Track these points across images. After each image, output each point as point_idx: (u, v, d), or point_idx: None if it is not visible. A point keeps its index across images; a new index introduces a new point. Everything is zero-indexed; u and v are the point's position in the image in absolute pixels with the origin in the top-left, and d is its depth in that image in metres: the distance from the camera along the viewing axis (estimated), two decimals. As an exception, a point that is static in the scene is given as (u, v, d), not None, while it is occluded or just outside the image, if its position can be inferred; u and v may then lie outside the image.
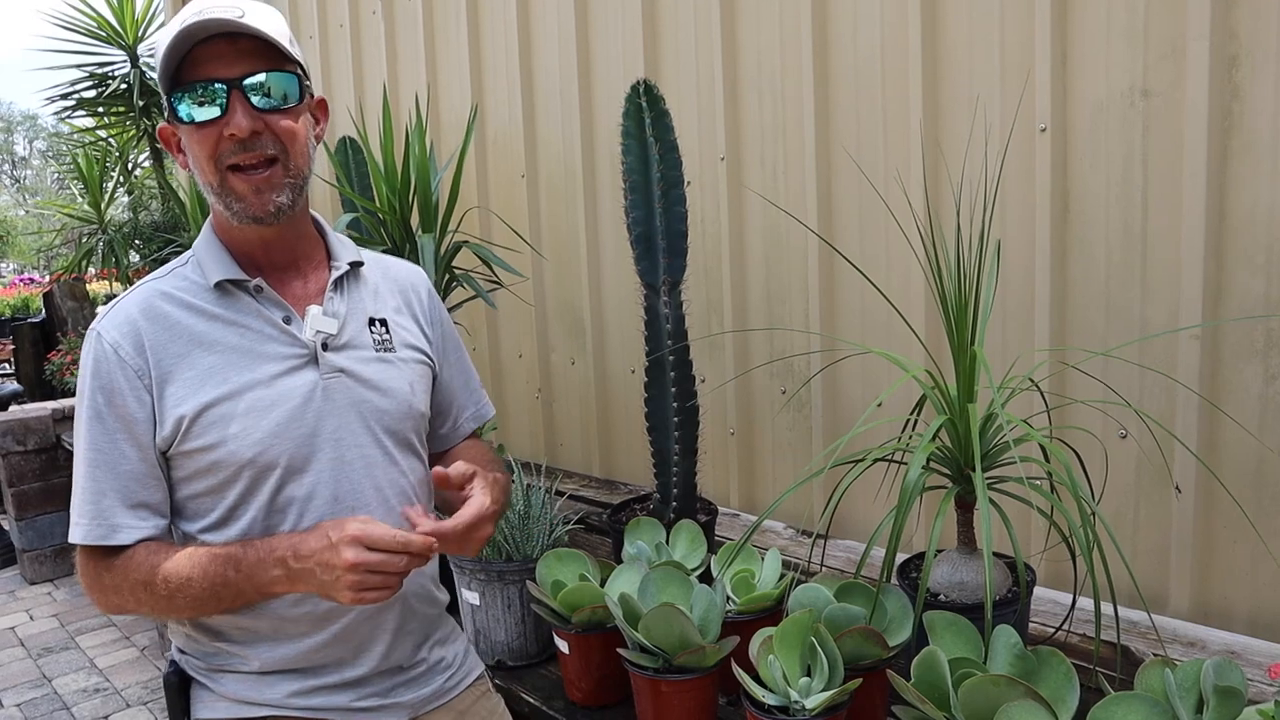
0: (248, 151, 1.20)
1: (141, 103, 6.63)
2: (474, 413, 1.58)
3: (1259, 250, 1.62)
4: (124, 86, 6.76)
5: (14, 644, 4.04)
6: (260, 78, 1.19)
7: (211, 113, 1.18)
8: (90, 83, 6.86)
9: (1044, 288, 1.86)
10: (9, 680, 3.68)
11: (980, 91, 1.92)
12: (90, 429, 1.22)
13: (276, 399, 1.24)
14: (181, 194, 4.78)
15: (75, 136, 7.89)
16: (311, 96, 1.30)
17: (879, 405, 1.99)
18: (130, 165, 7.39)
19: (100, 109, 7.05)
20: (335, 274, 1.34)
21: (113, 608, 1.25)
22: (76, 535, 1.22)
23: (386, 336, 1.36)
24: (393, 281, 1.45)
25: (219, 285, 1.26)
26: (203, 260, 1.28)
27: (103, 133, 7.48)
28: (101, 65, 6.85)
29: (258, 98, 1.19)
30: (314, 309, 1.29)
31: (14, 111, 38.21)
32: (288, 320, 1.28)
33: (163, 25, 6.31)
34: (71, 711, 3.40)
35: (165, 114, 1.24)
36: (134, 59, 6.81)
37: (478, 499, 1.24)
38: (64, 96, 6.88)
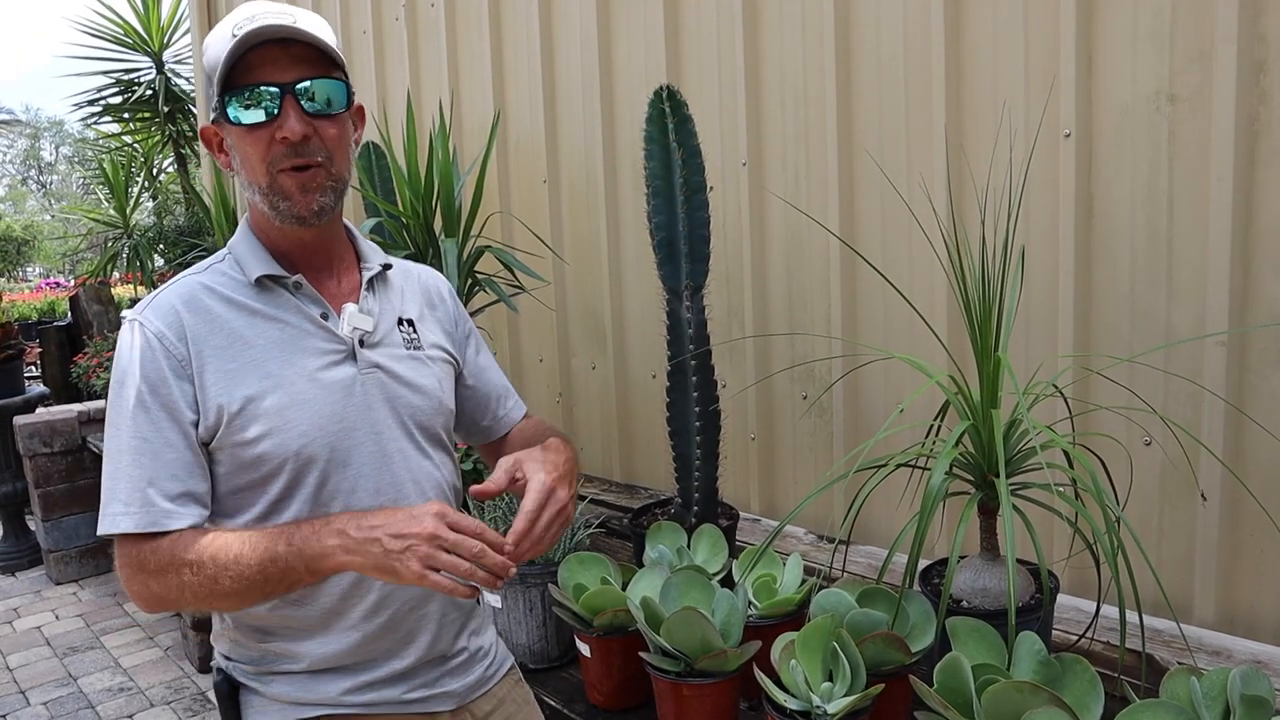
0: (298, 156, 1.23)
1: (166, 108, 6.71)
2: (515, 401, 1.63)
3: (1287, 256, 1.61)
4: (149, 93, 6.85)
5: (40, 643, 4.09)
6: (311, 83, 1.22)
7: (264, 116, 1.21)
8: (116, 89, 6.95)
9: (1068, 293, 1.85)
10: (35, 679, 3.72)
11: (1004, 96, 1.92)
12: (135, 418, 1.21)
13: (318, 392, 1.26)
14: (205, 198, 4.83)
15: (101, 142, 7.99)
16: (354, 103, 1.33)
17: (901, 411, 1.98)
18: (155, 170, 7.48)
19: (126, 115, 7.15)
20: (368, 274, 1.38)
21: (154, 599, 1.21)
22: (125, 524, 1.19)
23: (414, 335, 1.40)
24: (416, 283, 1.48)
25: (259, 281, 1.29)
26: (241, 257, 1.31)
27: (128, 138, 7.57)
28: (128, 72, 6.94)
29: (308, 103, 1.22)
30: (350, 306, 1.32)
31: (41, 118, 38.65)
32: (325, 317, 1.31)
33: (184, 27, 6.37)
34: (96, 710, 3.43)
35: (213, 114, 1.25)
36: (159, 66, 6.89)
37: (534, 479, 1.21)
38: (91, 103, 6.98)
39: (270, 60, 1.20)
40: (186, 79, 6.84)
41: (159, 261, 5.71)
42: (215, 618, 1.37)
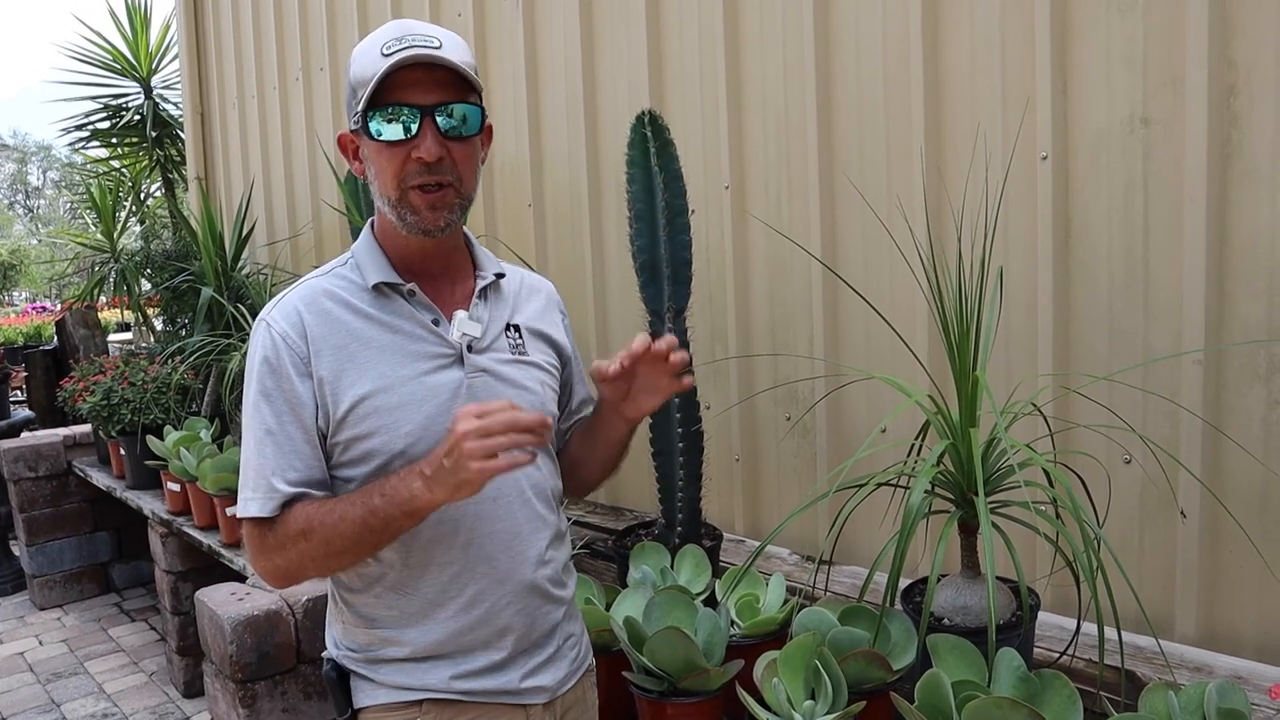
0: (430, 175, 1.29)
1: (154, 133, 6.72)
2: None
3: (1260, 275, 1.63)
4: (137, 118, 6.86)
5: (23, 669, 4.05)
6: (451, 107, 1.29)
7: (403, 134, 1.27)
8: (104, 114, 6.96)
9: (1046, 313, 1.87)
10: (18, 705, 3.68)
11: (982, 119, 1.94)
12: (259, 409, 1.31)
13: (426, 394, 1.33)
14: (193, 222, 4.83)
15: (89, 167, 7.99)
16: (485, 125, 1.38)
17: (883, 431, 2.00)
18: (142, 195, 7.47)
19: (114, 140, 7.14)
20: (481, 283, 1.44)
21: (280, 573, 1.31)
22: (252, 509, 1.29)
23: (520, 342, 1.46)
24: (529, 291, 1.55)
25: (376, 287, 1.36)
26: (362, 263, 1.38)
27: (116, 163, 7.56)
28: (116, 97, 6.95)
29: (445, 125, 1.29)
30: (460, 313, 1.37)
31: (29, 142, 38.62)
32: (436, 323, 1.37)
33: (173, 53, 6.39)
34: (78, 738, 3.40)
35: (354, 125, 1.33)
36: (148, 91, 6.90)
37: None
38: (79, 127, 6.98)
39: (414, 82, 1.27)
40: (174, 104, 6.84)
41: (145, 285, 5.67)
42: (330, 605, 1.45)
